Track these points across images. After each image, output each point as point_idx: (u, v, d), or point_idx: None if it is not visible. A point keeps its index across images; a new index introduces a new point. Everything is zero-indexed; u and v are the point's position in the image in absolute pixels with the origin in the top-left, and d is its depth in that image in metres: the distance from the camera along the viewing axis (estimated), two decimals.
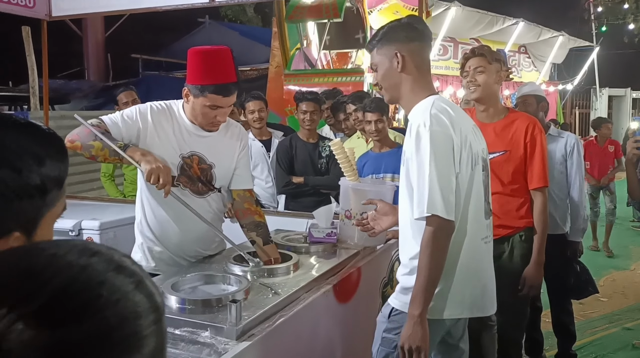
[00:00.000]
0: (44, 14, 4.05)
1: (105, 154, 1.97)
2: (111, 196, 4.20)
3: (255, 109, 3.81)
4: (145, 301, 0.53)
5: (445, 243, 1.69)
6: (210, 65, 2.03)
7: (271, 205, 3.81)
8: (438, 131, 1.69)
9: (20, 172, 0.74)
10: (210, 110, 2.06)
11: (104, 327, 0.48)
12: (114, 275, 0.52)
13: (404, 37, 1.83)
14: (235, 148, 2.25)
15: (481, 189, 1.83)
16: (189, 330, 1.55)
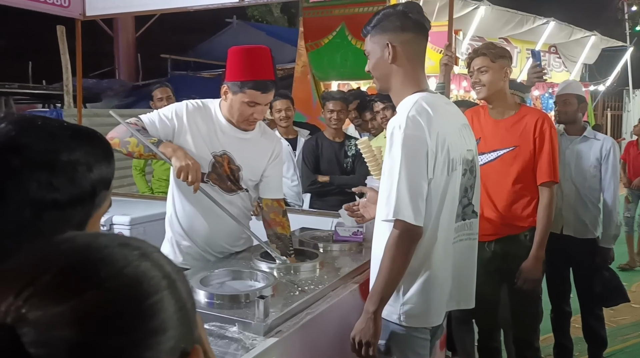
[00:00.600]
0: (78, 14, 4.14)
1: (141, 150, 2.02)
2: (140, 190, 4.29)
3: (282, 107, 3.83)
4: (152, 269, 0.54)
5: (409, 248, 1.65)
6: (250, 63, 2.08)
7: (297, 204, 3.83)
8: (411, 135, 1.63)
9: (74, 181, 0.76)
10: (248, 107, 2.10)
11: (109, 296, 0.49)
12: (118, 249, 0.54)
13: (397, 26, 1.75)
14: (266, 155, 2.27)
15: (456, 194, 1.76)
16: (217, 324, 1.57)
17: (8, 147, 0.74)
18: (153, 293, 0.52)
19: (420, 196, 1.64)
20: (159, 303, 0.52)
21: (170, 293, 0.54)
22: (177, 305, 0.54)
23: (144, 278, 0.52)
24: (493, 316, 2.88)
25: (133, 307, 0.50)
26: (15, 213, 0.73)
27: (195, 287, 1.73)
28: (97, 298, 0.48)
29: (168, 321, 0.52)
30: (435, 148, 1.66)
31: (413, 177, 1.63)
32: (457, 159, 1.73)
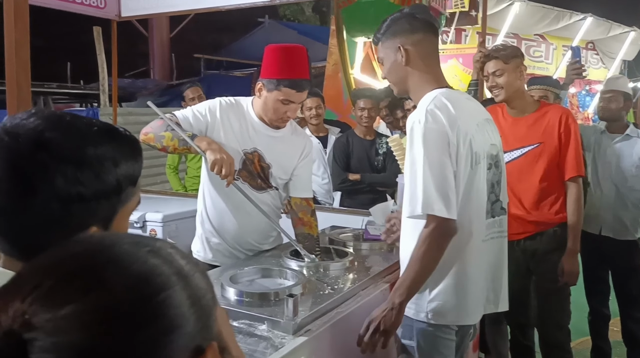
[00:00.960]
0: (114, 14, 4.21)
1: (175, 144, 2.04)
2: (174, 188, 4.35)
3: (313, 105, 3.82)
4: (161, 265, 0.53)
5: (442, 243, 1.62)
6: (286, 61, 2.09)
7: (327, 202, 3.82)
8: (432, 128, 1.62)
9: (99, 176, 0.78)
10: (282, 105, 2.11)
11: (113, 297, 0.48)
12: (125, 247, 0.53)
13: (407, 29, 1.76)
14: (297, 153, 2.28)
15: (484, 188, 1.74)
16: (246, 322, 1.57)
17: (36, 141, 0.75)
18: (161, 289, 0.51)
19: (450, 188, 1.61)
20: (168, 300, 0.51)
21: (182, 289, 0.53)
22: (190, 300, 0.53)
23: (151, 275, 0.51)
24: (525, 314, 2.85)
25: (140, 305, 0.49)
26: (43, 207, 0.75)
27: (225, 284, 1.74)
28: (102, 298, 0.48)
29: (180, 318, 0.51)
30: (457, 140, 1.64)
31: (438, 170, 1.61)
32: (480, 152, 1.72)
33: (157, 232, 3.28)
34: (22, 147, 0.75)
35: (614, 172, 3.23)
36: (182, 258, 0.56)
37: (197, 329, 0.53)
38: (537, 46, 10.99)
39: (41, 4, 3.81)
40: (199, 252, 2.31)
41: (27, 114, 0.78)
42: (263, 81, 2.13)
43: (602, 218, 3.25)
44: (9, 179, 0.74)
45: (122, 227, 0.85)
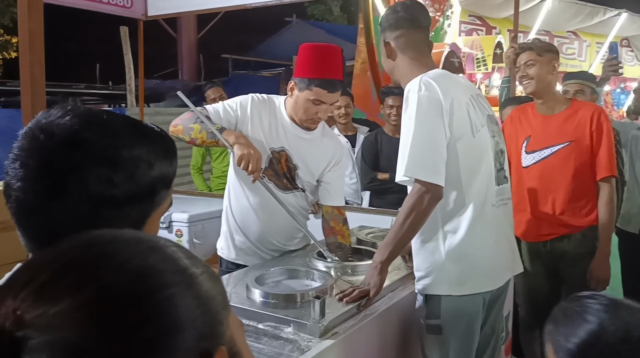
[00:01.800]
0: (140, 14, 4.23)
1: (203, 136, 2.01)
2: (198, 188, 4.35)
3: (342, 104, 3.77)
4: (162, 263, 0.49)
5: (426, 208, 1.65)
6: (319, 60, 2.05)
7: (355, 202, 3.76)
8: (426, 95, 1.67)
9: (133, 178, 0.76)
10: (313, 105, 2.06)
11: (109, 292, 0.45)
12: (122, 244, 0.50)
13: (391, 24, 1.87)
14: (326, 158, 2.22)
15: (490, 155, 1.79)
16: (272, 324, 1.53)
17: (71, 140, 0.74)
18: (162, 288, 0.47)
19: (438, 154, 1.65)
20: (169, 300, 0.47)
21: (186, 290, 0.49)
22: (196, 302, 0.49)
23: (150, 272, 0.48)
24: None
25: (138, 303, 0.45)
26: (74, 207, 0.73)
27: (250, 286, 1.70)
28: (95, 295, 0.44)
29: (183, 320, 0.47)
30: (451, 108, 1.68)
31: (428, 136, 1.65)
32: (478, 121, 1.76)
33: (183, 232, 3.26)
34: (56, 146, 0.73)
35: None
36: (187, 258, 0.52)
37: (204, 333, 0.49)
38: (569, 43, 10.74)
39: (68, 4, 3.84)
40: (222, 250, 2.28)
41: (63, 110, 0.76)
42: (295, 80, 2.09)
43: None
44: (41, 178, 0.73)
45: (153, 230, 0.83)
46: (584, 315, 1.07)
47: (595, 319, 1.05)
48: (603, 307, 1.07)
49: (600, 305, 1.07)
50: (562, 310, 1.12)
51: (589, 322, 1.05)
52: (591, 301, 1.09)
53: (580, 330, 1.05)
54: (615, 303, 1.08)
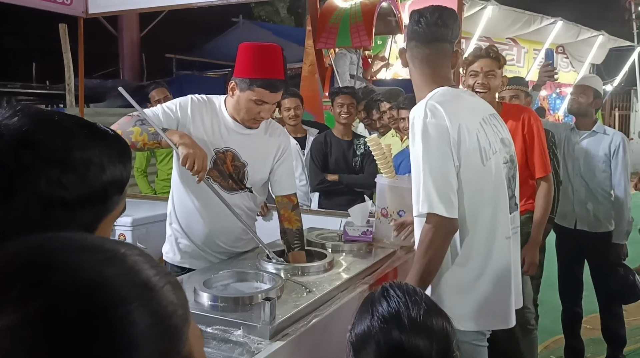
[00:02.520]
0: (80, 11, 4.08)
1: (144, 138, 1.95)
2: (142, 191, 4.24)
3: (291, 106, 3.76)
4: (120, 276, 0.46)
5: (442, 242, 1.61)
6: (261, 60, 2.02)
7: (305, 204, 3.76)
8: (432, 123, 1.61)
9: (84, 180, 0.74)
10: (255, 105, 2.04)
11: (69, 297, 0.42)
12: (75, 253, 0.47)
13: (409, 35, 1.83)
14: (273, 150, 2.22)
15: (503, 184, 1.71)
16: (221, 328, 1.50)
17: (21, 141, 0.71)
18: (116, 304, 0.44)
19: (449, 186, 1.59)
20: (125, 317, 0.44)
21: (144, 305, 0.46)
22: (154, 318, 0.46)
23: (104, 286, 0.44)
24: None
25: (88, 320, 0.42)
26: (23, 209, 0.71)
27: (198, 289, 1.67)
28: (43, 310, 0.41)
29: (138, 338, 0.44)
30: (458, 136, 1.62)
31: (437, 167, 1.59)
32: (489, 148, 1.68)
33: (127, 236, 3.17)
34: (5, 147, 0.71)
35: (582, 168, 3.29)
36: (151, 267, 0.49)
37: (162, 352, 0.46)
38: (509, 49, 11.13)
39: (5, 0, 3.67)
40: (167, 254, 2.24)
41: (12, 111, 0.74)
42: (236, 80, 2.06)
43: (576, 212, 3.32)
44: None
45: (105, 235, 0.81)
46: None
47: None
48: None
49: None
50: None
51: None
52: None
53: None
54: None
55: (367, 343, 1.12)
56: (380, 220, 2.43)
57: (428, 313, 1.13)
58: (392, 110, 3.55)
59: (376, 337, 1.11)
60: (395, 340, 1.09)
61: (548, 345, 3.76)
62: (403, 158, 3.21)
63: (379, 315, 1.13)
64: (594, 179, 3.27)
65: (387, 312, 1.12)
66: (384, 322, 1.12)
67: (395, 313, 1.12)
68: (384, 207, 2.41)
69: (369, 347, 1.12)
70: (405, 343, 1.09)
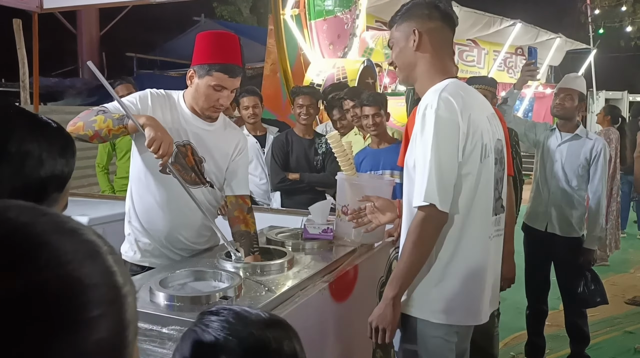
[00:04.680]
0: (35, 6, 3.95)
1: (109, 124, 1.91)
2: (102, 189, 4.17)
3: (250, 104, 3.73)
4: (99, 275, 0.42)
5: (433, 234, 1.61)
6: (218, 46, 2.03)
7: (265, 202, 3.73)
8: (444, 116, 1.59)
9: (19, 173, 0.70)
10: (214, 91, 2.03)
11: (42, 291, 0.38)
12: (63, 236, 0.42)
13: (425, 14, 1.72)
14: (229, 149, 2.19)
15: (491, 184, 1.71)
16: (177, 328, 1.46)
17: None
18: (96, 304, 0.40)
19: (450, 181, 1.59)
20: (94, 322, 0.40)
21: (114, 312, 0.42)
22: (117, 328, 0.42)
23: (83, 283, 0.40)
24: None
25: (70, 312, 0.39)
26: None
27: (154, 289, 1.62)
28: (29, 285, 0.37)
29: (99, 346, 0.40)
30: (467, 131, 1.61)
31: (444, 161, 1.58)
32: (489, 145, 1.69)
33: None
34: None
35: (561, 172, 3.26)
36: (122, 273, 0.45)
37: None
38: (469, 51, 11.31)
39: None
40: (127, 253, 2.18)
41: None
42: (194, 68, 2.06)
43: (549, 215, 3.29)
44: None
45: None
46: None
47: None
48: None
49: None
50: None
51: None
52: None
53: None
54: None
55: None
56: (341, 218, 2.42)
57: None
58: (355, 108, 3.55)
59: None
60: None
61: (508, 342, 3.82)
62: (365, 156, 3.22)
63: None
64: (572, 183, 3.24)
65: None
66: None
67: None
68: (345, 205, 2.40)
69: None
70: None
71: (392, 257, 2.53)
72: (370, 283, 2.37)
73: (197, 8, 13.43)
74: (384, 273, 2.48)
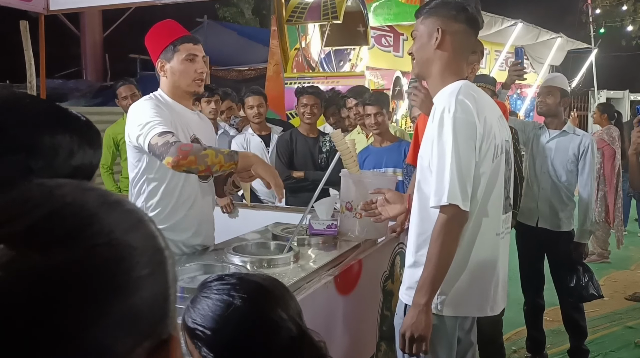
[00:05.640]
0: (41, 8, 4.02)
1: (221, 160, 1.88)
2: (108, 188, 4.20)
3: (255, 104, 3.78)
4: (144, 239, 0.47)
5: (457, 234, 1.64)
6: (166, 29, 2.15)
7: (270, 200, 3.78)
8: (462, 118, 1.63)
9: (52, 165, 0.73)
10: (189, 63, 2.10)
11: (95, 258, 0.43)
12: (110, 208, 0.47)
13: (452, 15, 1.73)
14: (212, 130, 2.40)
15: (502, 182, 1.76)
16: None
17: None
18: (145, 265, 0.45)
19: (469, 180, 1.63)
20: (143, 280, 0.45)
21: (160, 271, 0.47)
22: (163, 286, 0.47)
23: (131, 247, 0.45)
24: None
25: (122, 275, 0.43)
26: None
27: None
28: (84, 254, 0.42)
29: (149, 302, 0.45)
30: (484, 132, 1.66)
31: (464, 161, 1.62)
32: (499, 145, 1.74)
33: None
34: None
35: (550, 167, 3.34)
36: (161, 236, 0.51)
37: (161, 317, 0.48)
38: None
39: None
40: None
41: None
42: (160, 58, 2.12)
43: (539, 211, 3.37)
44: None
45: None
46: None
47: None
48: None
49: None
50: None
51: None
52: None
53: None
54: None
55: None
56: (345, 214, 2.47)
57: None
58: (358, 106, 3.60)
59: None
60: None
61: (510, 337, 3.86)
62: (368, 154, 3.27)
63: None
64: (561, 179, 3.31)
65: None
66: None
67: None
68: (349, 201, 2.45)
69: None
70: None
71: (395, 253, 2.58)
72: (374, 277, 2.42)
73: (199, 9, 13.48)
74: (387, 268, 2.53)
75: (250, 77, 9.88)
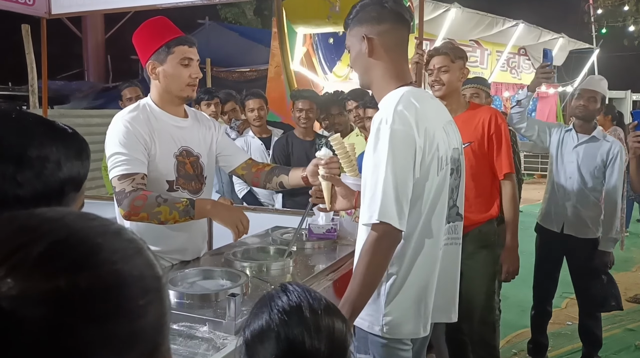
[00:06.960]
0: (43, 12, 4.03)
1: (175, 217, 1.87)
2: (109, 191, 4.22)
3: (255, 107, 3.80)
4: (145, 268, 0.50)
5: (388, 254, 1.54)
6: (160, 27, 2.00)
7: (269, 203, 3.79)
8: (399, 130, 1.52)
9: (39, 177, 0.74)
10: (183, 67, 1.98)
11: (102, 284, 0.45)
12: (113, 237, 0.49)
13: (374, 17, 1.64)
14: (211, 135, 2.23)
15: (446, 195, 1.66)
16: (187, 324, 1.53)
17: None
18: (145, 293, 0.48)
19: (405, 198, 1.52)
20: (144, 308, 0.47)
21: (158, 298, 0.50)
22: (161, 312, 0.50)
23: (133, 276, 0.48)
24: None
25: (125, 301, 0.46)
26: None
27: None
28: (91, 281, 0.44)
29: (147, 329, 0.48)
30: (424, 145, 1.56)
31: (399, 177, 1.51)
32: (444, 157, 1.64)
33: None
34: None
35: (577, 172, 3.24)
36: (159, 267, 0.53)
37: (158, 342, 0.50)
38: (472, 51, 11.32)
39: None
40: None
41: None
42: (151, 60, 1.98)
43: (565, 216, 3.27)
44: None
45: None
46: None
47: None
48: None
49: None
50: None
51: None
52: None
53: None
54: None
55: (265, 338, 1.07)
56: (345, 218, 2.48)
57: (328, 310, 1.10)
58: (358, 109, 3.60)
59: (276, 329, 1.06)
60: (296, 333, 1.05)
61: (510, 340, 3.86)
62: None
63: (279, 308, 1.08)
64: (588, 184, 3.22)
65: (288, 305, 1.08)
66: (285, 314, 1.07)
67: (297, 306, 1.08)
68: None
69: (267, 343, 1.06)
70: (306, 338, 1.05)
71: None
72: None
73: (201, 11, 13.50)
74: None
75: (252, 78, 9.89)
